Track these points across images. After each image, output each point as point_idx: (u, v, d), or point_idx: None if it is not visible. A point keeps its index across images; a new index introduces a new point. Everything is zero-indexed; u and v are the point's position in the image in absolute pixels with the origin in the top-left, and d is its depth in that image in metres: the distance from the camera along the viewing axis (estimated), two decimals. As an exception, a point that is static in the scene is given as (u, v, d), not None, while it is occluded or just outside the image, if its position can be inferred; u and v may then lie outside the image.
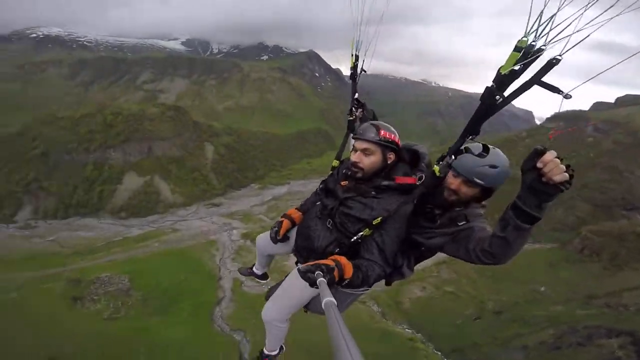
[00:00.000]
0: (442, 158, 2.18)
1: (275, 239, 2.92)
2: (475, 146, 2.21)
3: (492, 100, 1.72)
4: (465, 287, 45.97)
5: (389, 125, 2.51)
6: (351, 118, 3.09)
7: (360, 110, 3.13)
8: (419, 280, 47.04)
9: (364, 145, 2.42)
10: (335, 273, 1.99)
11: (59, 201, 71.61)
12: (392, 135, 2.46)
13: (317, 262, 2.04)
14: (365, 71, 3.15)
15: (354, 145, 2.51)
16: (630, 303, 37.64)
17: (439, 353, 35.55)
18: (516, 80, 1.68)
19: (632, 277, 43.25)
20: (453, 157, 2.13)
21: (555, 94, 1.59)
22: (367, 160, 2.43)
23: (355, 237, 2.37)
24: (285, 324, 3.01)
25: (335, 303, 1.29)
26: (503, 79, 1.66)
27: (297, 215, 2.97)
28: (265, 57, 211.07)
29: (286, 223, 2.91)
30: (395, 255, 2.42)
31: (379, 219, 2.30)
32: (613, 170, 65.18)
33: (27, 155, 78.20)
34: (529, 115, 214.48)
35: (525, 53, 1.60)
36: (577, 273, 47.27)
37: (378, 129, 2.43)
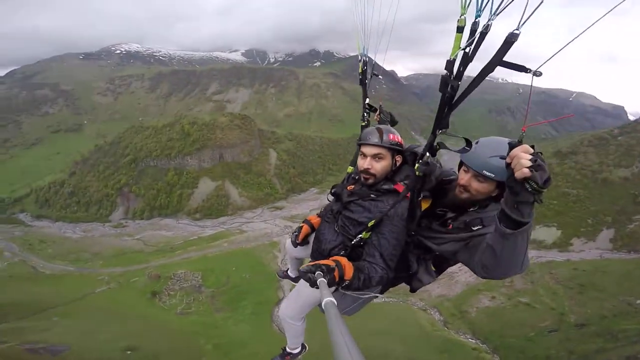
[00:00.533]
0: (421, 156, 2.06)
1: (295, 243, 2.97)
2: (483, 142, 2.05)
3: (447, 89, 1.59)
4: (543, 299, 41.53)
5: (392, 128, 2.49)
6: (364, 124, 2.99)
7: (377, 114, 3.02)
8: (488, 290, 43.70)
9: (375, 150, 2.38)
10: (336, 273, 1.96)
11: (146, 203, 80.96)
12: (398, 138, 2.43)
13: (317, 262, 2.02)
14: (376, 75, 3.01)
15: (362, 151, 2.44)
16: None
17: (505, 365, 32.62)
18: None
19: None
20: (428, 154, 1.99)
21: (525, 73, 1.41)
22: (379, 165, 2.38)
23: (355, 240, 2.36)
24: (300, 322, 3.03)
25: (335, 303, 1.29)
26: (455, 64, 1.52)
27: (316, 220, 2.99)
28: (317, 64, 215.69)
29: (305, 228, 2.95)
30: (395, 258, 2.29)
31: (373, 221, 2.28)
32: None
33: (120, 162, 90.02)
34: (619, 110, 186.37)
35: (472, 32, 1.44)
36: (684, 284, 40.09)
37: (385, 132, 2.40)
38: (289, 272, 3.81)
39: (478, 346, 35.69)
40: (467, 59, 1.50)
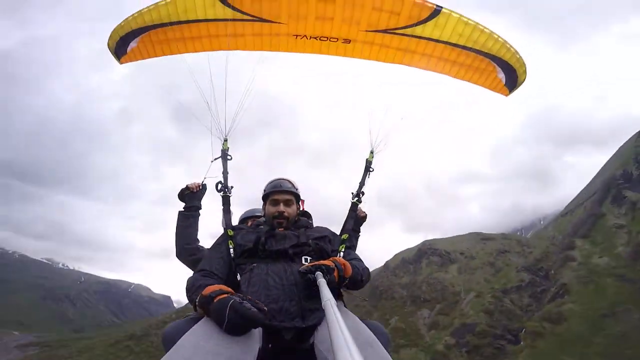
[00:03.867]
0: (357, 194, 3.01)
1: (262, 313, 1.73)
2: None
3: (369, 173, 3.04)
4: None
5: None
6: (229, 194, 2.79)
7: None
8: None
9: (287, 196, 2.58)
10: (335, 273, 1.96)
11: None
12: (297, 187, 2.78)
13: (316, 262, 2.02)
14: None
15: (274, 199, 2.58)
16: None
17: None
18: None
19: None
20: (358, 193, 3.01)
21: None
22: (291, 209, 2.57)
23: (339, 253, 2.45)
24: None
25: (335, 302, 1.24)
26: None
27: (225, 291, 1.87)
28: None
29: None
30: None
31: (345, 235, 2.65)
32: None
33: None
34: (167, 299, 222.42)
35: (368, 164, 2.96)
36: None
37: (289, 182, 2.68)
38: None
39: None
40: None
